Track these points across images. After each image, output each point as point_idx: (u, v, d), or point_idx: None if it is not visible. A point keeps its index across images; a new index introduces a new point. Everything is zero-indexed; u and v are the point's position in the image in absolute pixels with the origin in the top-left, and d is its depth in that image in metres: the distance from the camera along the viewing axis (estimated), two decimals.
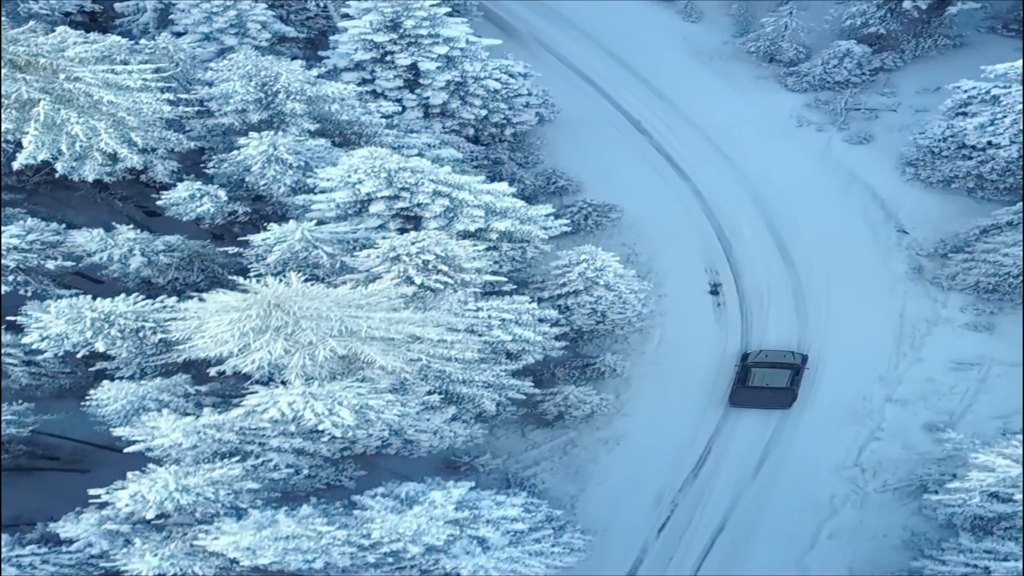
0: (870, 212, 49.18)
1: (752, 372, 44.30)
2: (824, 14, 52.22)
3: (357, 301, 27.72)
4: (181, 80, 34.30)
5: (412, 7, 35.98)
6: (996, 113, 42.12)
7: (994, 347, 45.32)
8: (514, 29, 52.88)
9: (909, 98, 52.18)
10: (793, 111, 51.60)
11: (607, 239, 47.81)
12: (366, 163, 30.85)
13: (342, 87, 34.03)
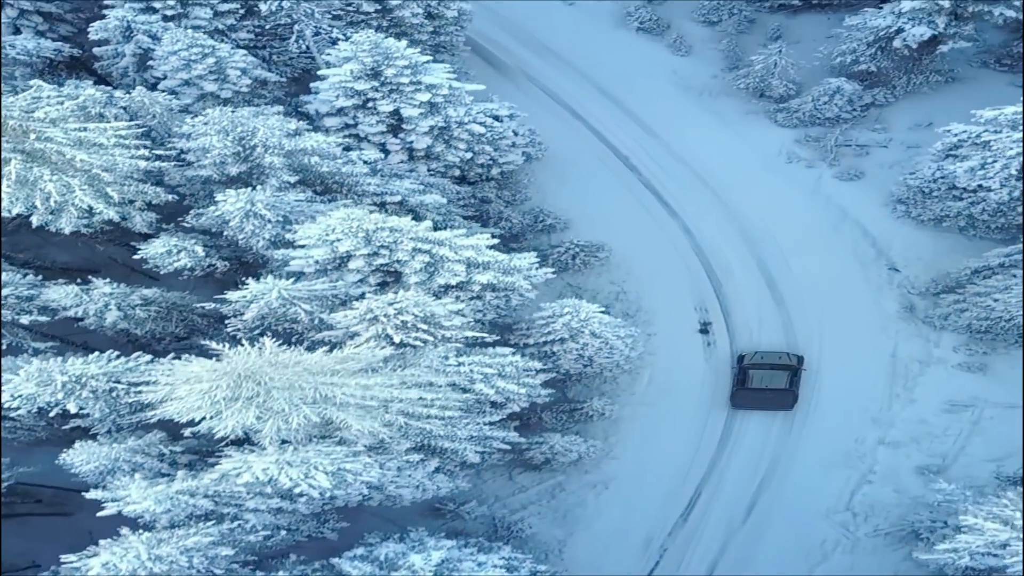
0: (861, 249, 48.22)
1: (750, 374, 44.05)
2: (814, 51, 51.32)
3: (331, 367, 26.61)
4: (160, 130, 33.20)
5: (392, 56, 34.57)
6: (986, 157, 41.19)
7: (988, 388, 44.60)
8: (502, 64, 52.00)
9: (900, 134, 51.24)
10: (783, 147, 50.63)
11: (595, 277, 47.00)
12: (343, 224, 29.85)
13: (321, 139, 33.04)
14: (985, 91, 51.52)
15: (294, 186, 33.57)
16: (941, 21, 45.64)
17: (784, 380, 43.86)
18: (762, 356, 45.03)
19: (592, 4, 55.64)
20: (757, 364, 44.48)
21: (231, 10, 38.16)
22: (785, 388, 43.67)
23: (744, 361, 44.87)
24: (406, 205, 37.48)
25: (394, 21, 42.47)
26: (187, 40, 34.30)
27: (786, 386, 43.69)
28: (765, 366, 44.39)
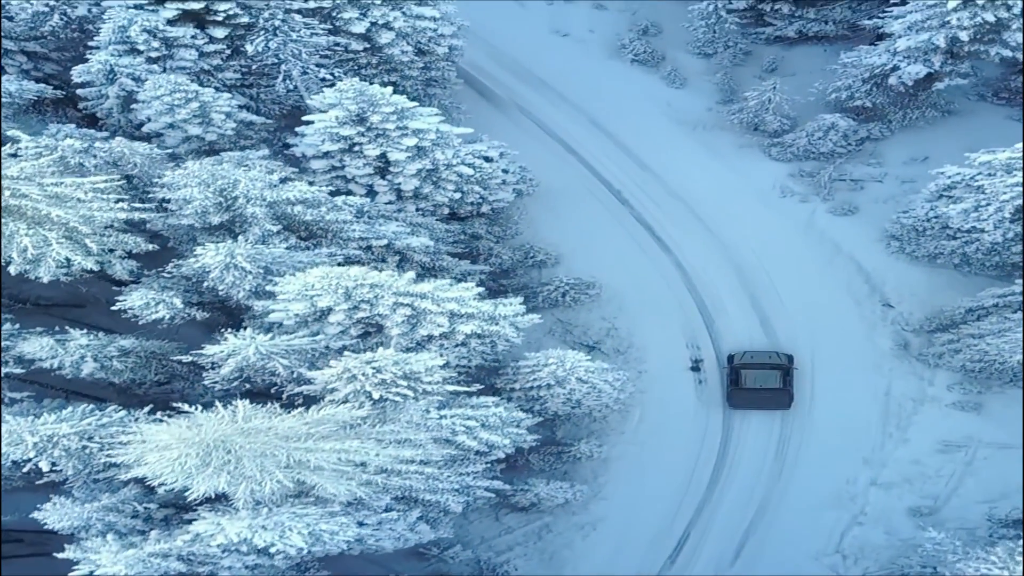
0: (855, 285, 47.35)
1: (742, 374, 43.79)
2: (809, 85, 50.35)
3: (305, 431, 25.75)
4: (143, 177, 32.38)
5: (378, 103, 33.73)
6: (980, 200, 40.43)
7: (982, 427, 43.93)
8: (495, 96, 51.11)
9: (896, 168, 50.29)
10: (777, 181, 49.72)
11: (586, 313, 46.23)
12: (322, 281, 28.99)
13: (305, 188, 32.29)
14: (982, 125, 50.73)
15: (277, 233, 32.49)
16: (937, 60, 44.62)
17: (777, 379, 43.59)
18: (752, 356, 44.69)
19: (587, 35, 54.70)
20: (747, 364, 44.17)
21: (217, 51, 37.12)
22: (779, 388, 43.35)
23: (734, 361, 44.51)
24: (393, 248, 36.56)
25: (384, 59, 41.25)
26: (170, 86, 33.44)
27: (780, 385, 43.39)
28: (756, 366, 44.13)
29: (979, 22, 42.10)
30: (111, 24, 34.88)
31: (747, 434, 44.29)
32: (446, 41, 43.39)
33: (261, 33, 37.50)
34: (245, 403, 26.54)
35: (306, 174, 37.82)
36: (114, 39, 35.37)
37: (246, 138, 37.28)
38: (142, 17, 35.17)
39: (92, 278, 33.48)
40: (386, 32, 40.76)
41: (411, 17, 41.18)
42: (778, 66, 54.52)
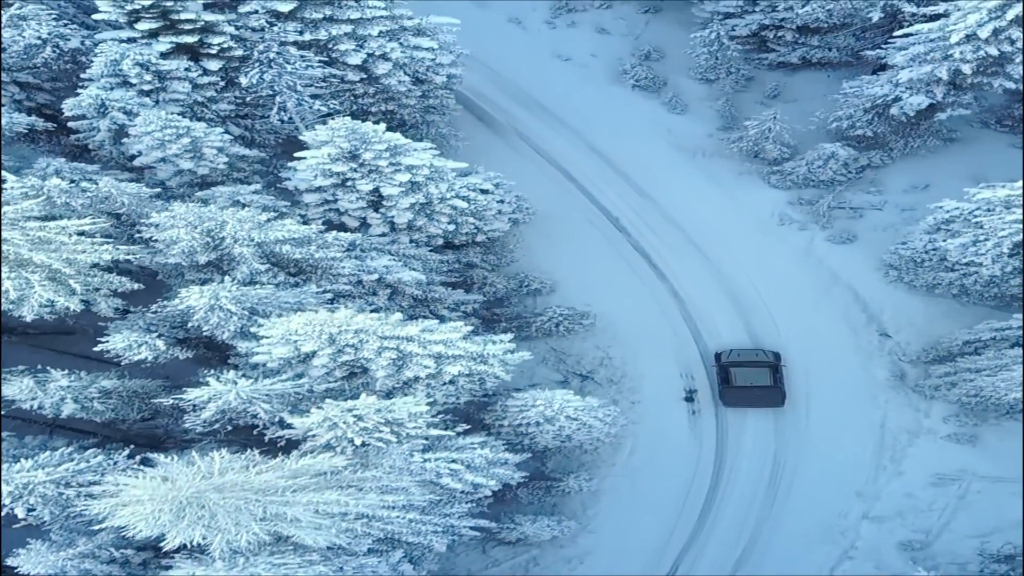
0: (852, 315, 46.50)
1: (732, 372, 43.67)
2: (810, 114, 49.55)
3: (282, 485, 25.07)
4: (131, 214, 31.70)
5: (370, 141, 33.03)
6: (978, 235, 39.46)
7: (976, 460, 43.25)
8: (494, 121, 50.35)
9: (896, 196, 49.39)
10: (776, 208, 48.87)
11: (580, 342, 45.50)
12: (306, 328, 28.30)
13: (294, 228, 31.65)
14: (985, 152, 49.96)
15: (266, 271, 31.79)
16: (939, 91, 43.78)
17: (767, 377, 43.53)
18: (738, 354, 44.45)
19: (589, 60, 53.82)
20: (735, 362, 43.95)
21: (211, 82, 36.29)
22: (771, 385, 43.26)
23: (722, 359, 44.22)
24: (384, 282, 35.76)
25: (381, 88, 40.49)
26: (160, 122, 32.83)
27: (771, 383, 43.29)
28: (744, 364, 43.94)
29: (982, 56, 41.18)
30: (103, 58, 33.90)
31: (740, 466, 43.62)
32: (444, 70, 42.60)
33: (256, 65, 36.77)
34: (221, 454, 25.86)
35: (299, 207, 37.13)
36: (106, 72, 34.71)
37: (239, 170, 36.63)
38: (135, 51, 34.50)
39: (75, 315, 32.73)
40: (383, 63, 40.01)
41: (408, 48, 40.41)
42: (780, 92, 53.53)
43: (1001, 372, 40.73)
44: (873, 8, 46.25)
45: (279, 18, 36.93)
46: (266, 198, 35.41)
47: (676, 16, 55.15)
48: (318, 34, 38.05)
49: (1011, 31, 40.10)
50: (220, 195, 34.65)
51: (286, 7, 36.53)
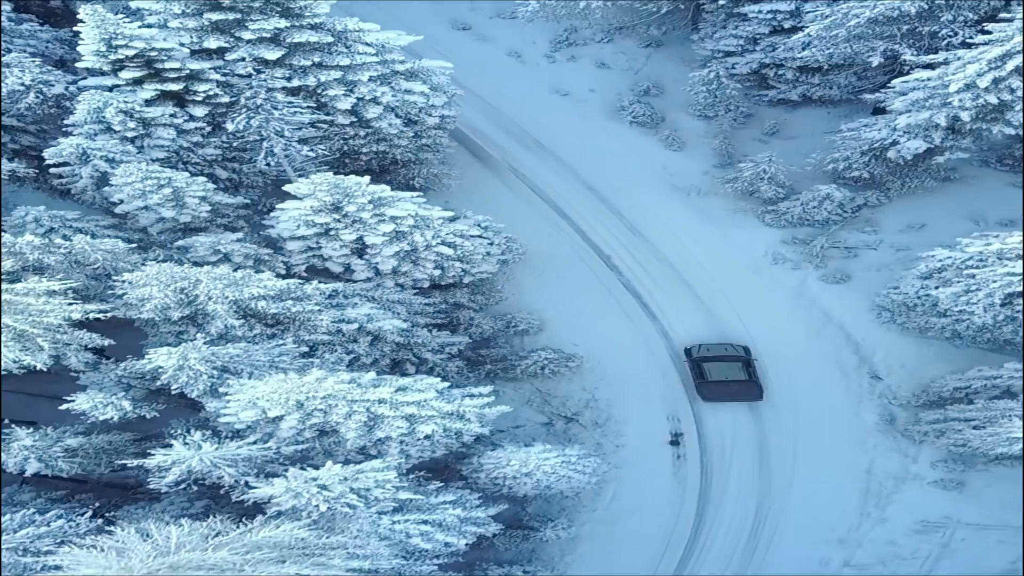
0: (843, 357, 45.12)
1: (705, 367, 43.18)
2: (810, 149, 48.36)
3: (240, 560, 23.94)
4: (107, 269, 30.59)
5: (353, 194, 31.83)
6: (970, 284, 38.35)
7: (962, 507, 42.02)
8: (489, 157, 49.06)
9: (891, 236, 47.93)
10: (769, 247, 47.56)
11: (566, 383, 44.26)
12: (271, 395, 27.15)
13: (270, 284, 30.36)
14: (984, 191, 48.52)
15: (241, 325, 30.63)
16: (937, 136, 42.34)
17: (741, 371, 43.03)
18: (708, 348, 43.88)
19: (587, 95, 52.39)
20: (706, 357, 43.39)
21: (197, 128, 35.09)
22: (746, 380, 42.86)
23: (693, 355, 43.60)
24: (365, 330, 34.53)
25: (372, 131, 39.21)
26: (140, 173, 31.71)
27: (746, 377, 42.86)
28: (715, 358, 43.36)
29: (981, 103, 39.71)
30: (85, 105, 32.79)
31: (723, 514, 42.48)
32: (437, 111, 41.41)
33: (243, 111, 35.49)
34: (179, 526, 24.71)
35: (282, 253, 35.79)
36: (89, 119, 33.49)
37: (223, 216, 35.28)
38: (119, 99, 33.29)
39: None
40: (373, 106, 38.78)
41: (400, 92, 39.00)
42: (780, 129, 52.12)
43: (990, 425, 39.22)
44: (873, 53, 44.03)
45: (266, 65, 35.45)
46: (248, 246, 34.28)
47: (678, 51, 53.68)
48: (307, 80, 36.78)
49: (1011, 80, 38.54)
50: (200, 244, 33.49)
51: (273, 55, 35.18)
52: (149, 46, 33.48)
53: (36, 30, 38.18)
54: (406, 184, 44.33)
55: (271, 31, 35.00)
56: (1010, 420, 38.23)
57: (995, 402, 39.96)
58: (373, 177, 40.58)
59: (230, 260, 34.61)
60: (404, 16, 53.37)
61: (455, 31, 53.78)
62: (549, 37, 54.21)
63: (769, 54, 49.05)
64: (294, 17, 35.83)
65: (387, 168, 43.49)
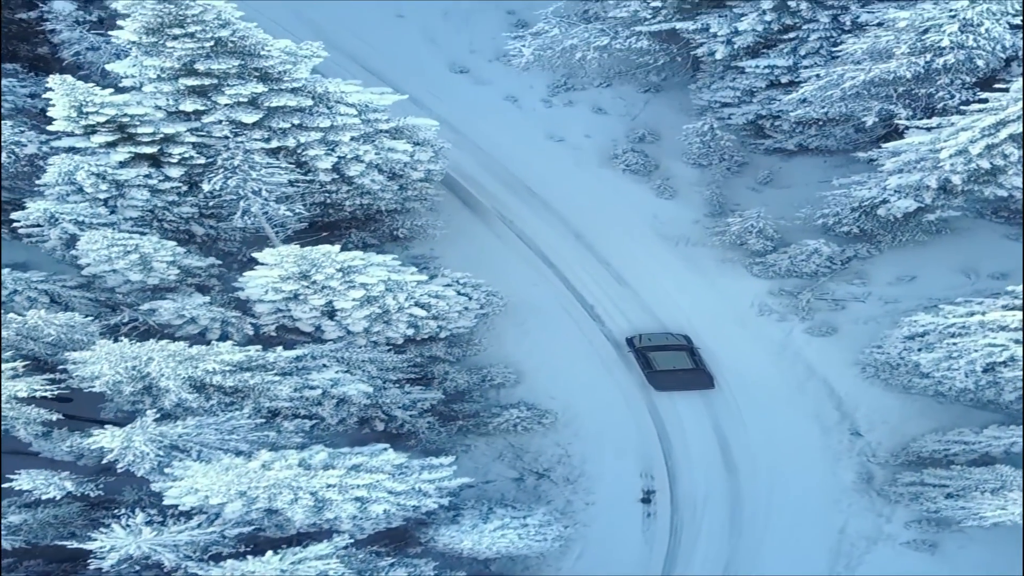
0: (824, 412, 43.27)
1: (651, 357, 42.09)
2: (803, 200, 45.98)
3: None
4: (64, 342, 28.95)
5: (321, 264, 29.90)
6: (952, 351, 36.38)
7: (935, 568, 40.30)
8: (478, 204, 47.04)
9: (880, 288, 45.61)
10: (756, 298, 45.56)
11: (540, 438, 42.56)
12: (211, 486, 25.37)
13: (228, 356, 28.44)
14: (977, 243, 45.98)
15: (196, 397, 28.85)
16: (928, 196, 39.96)
17: (687, 360, 41.90)
18: (649, 338, 42.70)
19: (582, 141, 50.17)
20: (649, 347, 42.25)
21: (173, 188, 33.14)
22: (694, 368, 41.86)
23: (636, 344, 42.43)
24: (328, 395, 32.65)
25: (355, 186, 37.19)
26: (106, 241, 29.91)
27: (693, 366, 41.82)
28: (658, 348, 42.21)
29: (973, 168, 37.43)
30: (56, 169, 31.02)
31: (690, 573, 39.67)
32: (423, 166, 38.96)
33: (220, 171, 33.48)
34: None
35: (251, 315, 34.01)
36: (60, 181, 31.64)
37: (194, 275, 33.47)
38: (90, 162, 31.43)
39: None
40: (355, 164, 36.58)
41: (383, 150, 36.86)
42: (774, 177, 49.68)
43: (963, 496, 37.65)
44: (868, 113, 41.87)
45: (244, 127, 33.47)
46: (215, 310, 32.58)
47: (677, 96, 51.31)
48: (286, 141, 34.68)
49: (1004, 147, 36.13)
50: (165, 309, 31.67)
51: (251, 118, 33.18)
52: (121, 112, 31.42)
53: (13, 86, 36.13)
54: (390, 234, 42.48)
55: (248, 95, 32.78)
56: (982, 495, 36.59)
57: (972, 469, 38.21)
58: (358, 226, 39.07)
59: (196, 323, 32.70)
60: (403, 58, 51.43)
61: (453, 74, 51.52)
62: (547, 81, 51.82)
63: (766, 106, 46.19)
64: (273, 81, 33.64)
65: (372, 217, 41.45)
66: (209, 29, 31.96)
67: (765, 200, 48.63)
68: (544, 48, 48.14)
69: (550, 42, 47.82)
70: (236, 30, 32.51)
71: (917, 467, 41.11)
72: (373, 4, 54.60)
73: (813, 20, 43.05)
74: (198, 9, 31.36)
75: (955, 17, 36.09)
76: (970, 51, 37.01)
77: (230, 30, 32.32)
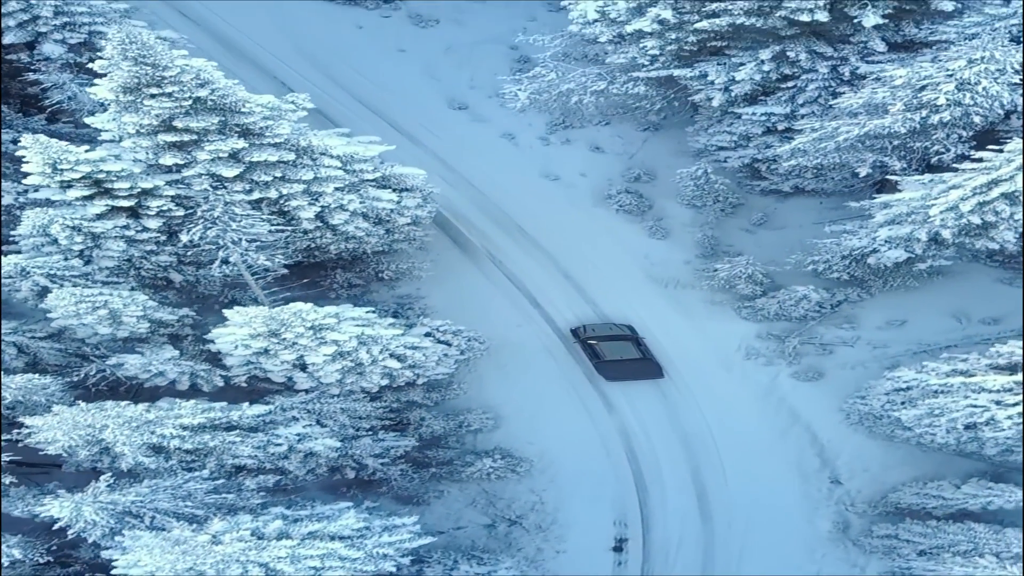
0: (805, 460, 41.51)
1: (597, 347, 40.87)
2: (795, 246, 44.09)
3: None
4: (23, 403, 27.66)
5: (291, 324, 28.39)
6: (934, 408, 34.75)
7: None
8: (468, 244, 45.32)
9: (870, 332, 43.56)
10: (743, 342, 43.71)
11: (515, 484, 40.75)
12: (160, 562, 23.94)
13: (188, 418, 27.27)
14: (970, 287, 43.97)
15: (153, 459, 27.44)
16: (919, 247, 38.19)
17: (633, 350, 40.87)
18: (594, 328, 41.69)
19: (577, 179, 48.32)
20: (594, 336, 41.23)
21: (151, 238, 31.69)
22: (641, 358, 40.83)
23: (581, 335, 41.37)
24: (295, 451, 31.15)
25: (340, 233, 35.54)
26: (74, 298, 28.50)
27: (640, 356, 40.80)
28: (604, 338, 41.18)
29: (964, 224, 35.78)
30: (30, 222, 29.64)
31: None
32: (410, 211, 37.21)
33: (199, 222, 31.96)
34: None
35: (221, 366, 32.49)
36: (35, 232, 30.25)
37: (167, 326, 32.02)
38: (66, 214, 30.10)
39: None
40: (340, 213, 34.88)
41: (368, 199, 35.13)
42: (768, 218, 47.92)
43: (935, 557, 36.03)
44: (863, 164, 40.23)
45: (224, 180, 31.86)
46: (183, 364, 30.96)
47: (675, 135, 49.49)
48: (268, 192, 32.99)
49: (996, 204, 34.46)
50: (131, 365, 30.28)
51: (232, 172, 31.57)
52: (97, 169, 29.91)
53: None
54: (376, 275, 40.55)
55: (229, 150, 31.16)
56: (952, 557, 35.03)
57: (947, 527, 36.62)
58: (344, 267, 37.48)
59: (164, 376, 31.25)
60: (401, 94, 49.57)
61: (451, 110, 49.69)
62: (546, 119, 49.72)
63: (762, 151, 44.42)
64: (255, 136, 32.00)
65: (359, 258, 39.75)
66: (187, 89, 30.33)
67: (759, 241, 46.71)
68: (540, 92, 46.41)
69: (547, 86, 46.15)
70: (215, 89, 30.84)
71: (895, 518, 39.32)
72: (374, 38, 52.69)
73: (812, 70, 41.14)
74: (175, 71, 29.70)
75: (952, 76, 34.31)
76: (967, 108, 35.22)
77: (208, 89, 30.59)
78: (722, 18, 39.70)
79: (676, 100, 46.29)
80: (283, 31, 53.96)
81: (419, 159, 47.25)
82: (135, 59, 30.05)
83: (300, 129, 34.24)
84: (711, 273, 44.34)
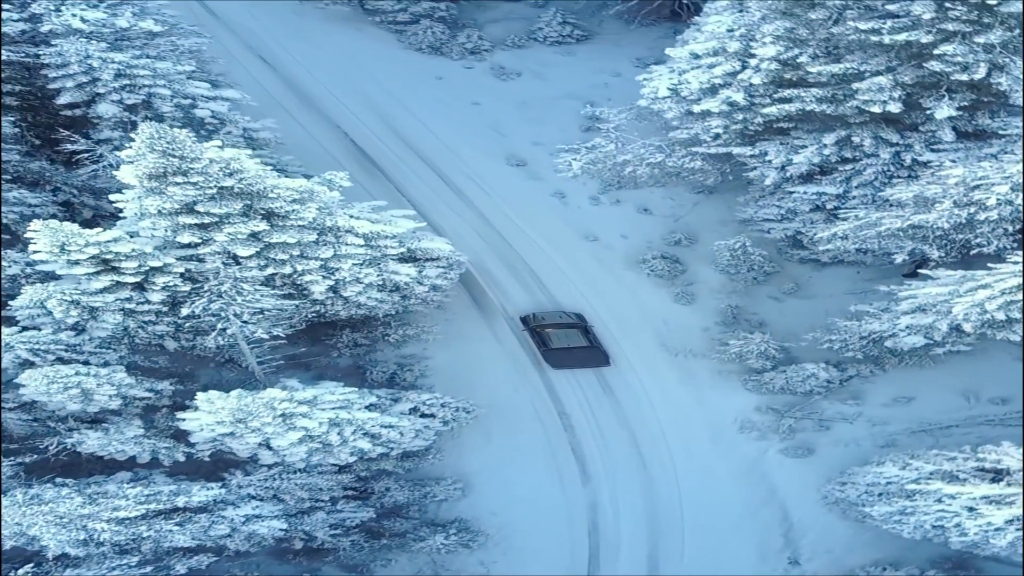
0: (769, 539, 33.80)
1: (546, 335, 35.76)
2: (825, 315, 36.34)
3: None
4: None
5: (258, 413, 23.23)
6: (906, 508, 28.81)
7: None
8: (488, 303, 39.74)
9: (873, 409, 36.43)
10: (741, 414, 37.16)
11: (466, 555, 33.67)
12: None
13: (125, 511, 24.07)
14: (984, 363, 35.39)
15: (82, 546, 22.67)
16: (939, 335, 31.87)
17: (582, 338, 35.75)
18: (543, 316, 36.60)
19: (617, 241, 41.43)
20: (544, 324, 36.04)
21: (151, 310, 26.38)
22: (589, 346, 35.58)
23: (530, 323, 36.34)
24: (238, 532, 25.48)
25: (352, 303, 29.54)
26: (45, 380, 23.91)
27: (587, 343, 35.61)
28: (553, 325, 35.97)
29: (988, 319, 29.64)
30: (28, 297, 24.69)
31: None
32: (430, 280, 30.96)
33: (205, 295, 26.47)
34: None
35: (186, 443, 27.24)
36: (32, 305, 25.64)
37: (143, 399, 26.90)
38: (66, 289, 25.32)
39: None
40: (354, 285, 28.64)
41: (388, 272, 28.78)
42: (800, 287, 40.69)
43: None
44: (900, 252, 33.56)
45: (239, 259, 26.23)
46: (146, 442, 25.83)
47: (728, 199, 41.92)
48: (283, 269, 27.21)
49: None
50: (92, 442, 25.11)
51: (247, 251, 26.03)
52: (106, 250, 25.63)
53: (24, 197, 29.69)
54: (382, 336, 34.12)
55: (248, 232, 25.72)
56: None
57: None
58: (352, 327, 31.14)
59: (124, 452, 26.13)
60: (463, 147, 43.00)
61: (509, 167, 43.70)
62: (599, 181, 43.00)
63: (807, 227, 37.52)
64: (279, 219, 26.62)
65: (370, 318, 33.30)
66: (214, 179, 26.25)
67: (784, 310, 39.94)
68: (595, 162, 40.38)
69: (603, 156, 40.15)
70: (243, 178, 26.73)
71: None
72: (451, 90, 45.09)
73: (874, 155, 34.55)
74: (204, 163, 25.62)
75: (1008, 179, 28.14)
76: (1016, 207, 29.13)
77: (236, 179, 26.33)
78: (794, 103, 33.86)
79: (731, 175, 39.63)
80: (359, 79, 47.81)
81: (461, 213, 42.56)
82: (162, 152, 25.70)
83: (329, 208, 28.56)
84: (723, 347, 38.14)
